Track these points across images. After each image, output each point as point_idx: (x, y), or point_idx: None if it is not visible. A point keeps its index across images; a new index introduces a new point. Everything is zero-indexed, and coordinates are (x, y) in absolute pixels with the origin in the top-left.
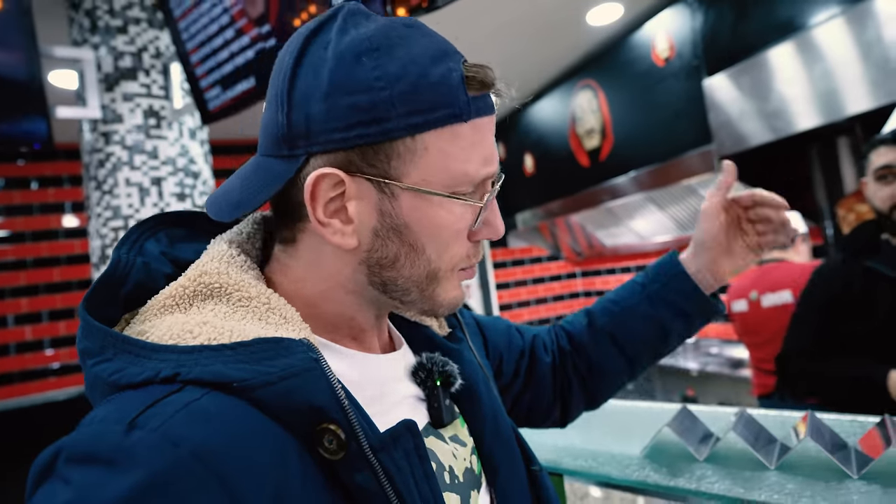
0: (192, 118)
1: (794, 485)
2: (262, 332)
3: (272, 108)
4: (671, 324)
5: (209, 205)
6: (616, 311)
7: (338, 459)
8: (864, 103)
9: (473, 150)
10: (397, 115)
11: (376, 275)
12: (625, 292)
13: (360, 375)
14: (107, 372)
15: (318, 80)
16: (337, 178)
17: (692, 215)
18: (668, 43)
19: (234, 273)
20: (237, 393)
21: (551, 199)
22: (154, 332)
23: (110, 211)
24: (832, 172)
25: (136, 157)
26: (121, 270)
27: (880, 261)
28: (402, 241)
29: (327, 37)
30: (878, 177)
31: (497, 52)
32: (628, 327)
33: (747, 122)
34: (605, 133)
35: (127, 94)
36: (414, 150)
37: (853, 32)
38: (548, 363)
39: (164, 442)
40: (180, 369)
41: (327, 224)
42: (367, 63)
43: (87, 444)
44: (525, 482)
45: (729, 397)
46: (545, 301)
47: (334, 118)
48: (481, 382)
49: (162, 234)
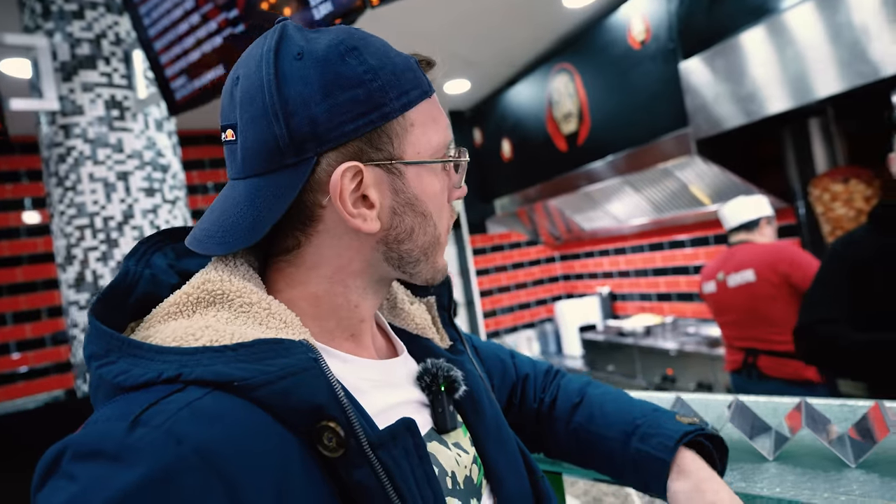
0: (158, 109)
1: (794, 476)
2: (263, 335)
3: (260, 125)
4: (630, 482)
5: (201, 244)
6: (591, 431)
7: (337, 457)
8: (834, 86)
9: (438, 120)
10: (390, 98)
11: (394, 251)
12: (613, 428)
13: (361, 379)
14: (111, 374)
15: (310, 86)
16: (356, 169)
17: (668, 197)
18: (644, 25)
19: (237, 281)
20: (238, 392)
21: (530, 185)
22: (158, 336)
23: (74, 208)
24: (804, 153)
25: (99, 150)
26: (129, 280)
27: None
28: (414, 213)
29: (292, 49)
30: None
31: (472, 35)
32: (595, 449)
33: (722, 105)
34: (582, 117)
35: (86, 84)
36: (405, 127)
37: (823, 16)
38: (534, 409)
39: (168, 438)
40: (182, 370)
41: (356, 214)
42: (351, 61)
43: (92, 442)
44: (529, 491)
45: (707, 375)
46: (525, 286)
47: (339, 113)
48: (484, 392)
49: (169, 248)
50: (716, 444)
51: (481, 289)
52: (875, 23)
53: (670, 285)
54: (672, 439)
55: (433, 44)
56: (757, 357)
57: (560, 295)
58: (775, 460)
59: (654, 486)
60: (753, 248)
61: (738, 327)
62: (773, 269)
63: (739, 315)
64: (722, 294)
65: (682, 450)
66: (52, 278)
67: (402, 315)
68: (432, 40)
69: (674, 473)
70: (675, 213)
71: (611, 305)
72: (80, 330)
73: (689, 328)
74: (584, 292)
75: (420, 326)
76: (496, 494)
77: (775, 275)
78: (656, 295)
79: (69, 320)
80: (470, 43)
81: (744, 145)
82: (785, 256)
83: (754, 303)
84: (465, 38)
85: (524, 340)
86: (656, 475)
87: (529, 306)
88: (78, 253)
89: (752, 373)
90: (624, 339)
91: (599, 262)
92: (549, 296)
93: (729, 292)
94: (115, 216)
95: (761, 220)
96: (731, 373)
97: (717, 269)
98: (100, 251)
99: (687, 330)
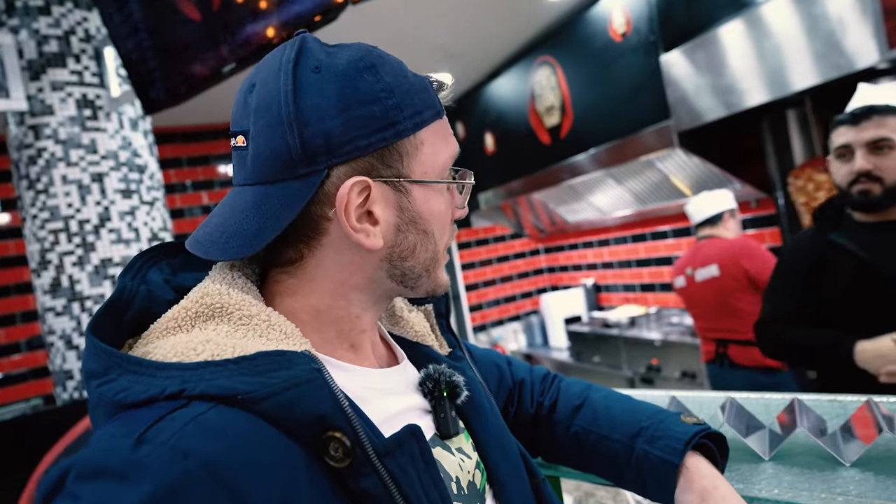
0: (132, 107)
1: (790, 476)
2: (264, 348)
3: (274, 133)
4: (629, 484)
5: (203, 247)
6: (593, 433)
7: (344, 467)
8: (811, 78)
9: (446, 139)
10: (404, 117)
11: (397, 267)
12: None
13: (363, 388)
14: (112, 392)
15: (327, 99)
16: (364, 184)
17: (650, 188)
18: (625, 18)
19: (235, 294)
20: (243, 405)
21: (513, 178)
22: (158, 352)
23: (47, 212)
24: (783, 144)
25: (71, 151)
26: (126, 297)
27: (842, 234)
28: (417, 231)
29: (311, 62)
30: (837, 155)
31: (454, 27)
32: (597, 451)
33: (703, 97)
34: (564, 110)
35: (56, 83)
36: (416, 146)
37: (799, 8)
38: (531, 414)
39: (175, 454)
40: (185, 385)
41: (360, 230)
42: (368, 79)
43: (97, 460)
44: (530, 495)
45: (691, 364)
46: (510, 279)
47: (354, 128)
48: (485, 398)
49: (164, 263)
50: (718, 444)
51: (467, 283)
52: (851, 15)
53: (654, 275)
54: (680, 442)
55: (415, 36)
56: (727, 347)
57: (545, 287)
58: (771, 460)
59: (655, 489)
60: (717, 243)
61: (708, 319)
62: (734, 263)
63: (708, 308)
64: (691, 288)
65: (689, 454)
66: (26, 282)
67: (401, 323)
68: (414, 32)
69: (682, 482)
70: (657, 205)
71: (595, 297)
72: (57, 337)
73: (673, 318)
74: (568, 284)
75: (419, 334)
76: (498, 499)
77: (737, 269)
78: (640, 285)
79: (45, 326)
80: (451, 35)
81: (724, 137)
82: (744, 252)
83: (720, 296)
84: (446, 30)
85: (510, 333)
86: (663, 478)
87: (515, 299)
88: (53, 258)
89: (724, 362)
90: (609, 330)
91: (583, 254)
92: (534, 288)
93: (697, 286)
94: (90, 219)
95: (724, 213)
96: (706, 363)
97: (686, 265)
98: (76, 255)
99: (671, 320)
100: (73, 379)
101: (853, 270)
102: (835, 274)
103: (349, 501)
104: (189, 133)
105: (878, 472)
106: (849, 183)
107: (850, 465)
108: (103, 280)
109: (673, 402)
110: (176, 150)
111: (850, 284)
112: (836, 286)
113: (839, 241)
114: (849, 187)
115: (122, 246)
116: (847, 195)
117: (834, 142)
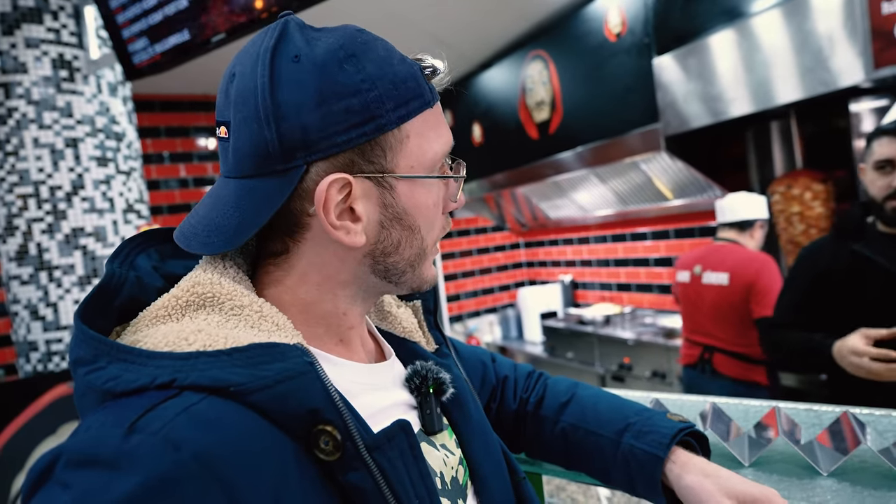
0: (112, 71)
1: (770, 483)
2: (256, 339)
3: (251, 127)
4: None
5: (187, 240)
6: (581, 429)
7: (334, 460)
8: (796, 93)
9: (438, 130)
10: (386, 110)
11: (380, 263)
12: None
13: (352, 383)
14: (101, 380)
15: (305, 91)
16: (344, 181)
17: (633, 190)
18: (621, 18)
19: (227, 283)
20: (234, 397)
21: (498, 171)
22: (148, 340)
23: (16, 175)
24: (765, 155)
25: (45, 113)
26: (114, 283)
27: (866, 245)
28: (402, 227)
29: (291, 50)
30: (877, 167)
31: (447, 15)
32: (583, 447)
33: (691, 103)
34: (555, 106)
35: (31, 40)
36: (400, 140)
37: (789, 22)
38: (513, 410)
39: (166, 445)
40: (177, 375)
41: (339, 227)
42: (348, 69)
43: (87, 449)
44: (511, 493)
45: (662, 365)
46: (489, 271)
47: (332, 123)
48: (469, 395)
49: (153, 249)
50: (701, 444)
51: (445, 273)
52: (840, 33)
53: (630, 276)
54: (667, 436)
55: (407, 22)
56: (713, 354)
57: (523, 281)
58: (750, 466)
59: (642, 483)
60: (737, 251)
61: (700, 323)
62: (747, 277)
63: (704, 312)
64: (693, 287)
65: (675, 447)
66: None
67: (389, 318)
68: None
69: (677, 470)
70: (638, 207)
71: (572, 293)
72: (22, 306)
73: (647, 318)
74: (546, 279)
75: (407, 330)
76: (480, 495)
77: (746, 283)
78: (616, 285)
79: (10, 295)
80: (444, 22)
81: (709, 144)
82: (764, 269)
83: (722, 305)
84: (439, 17)
85: (486, 325)
86: (649, 472)
87: (493, 291)
88: (20, 223)
89: (707, 368)
90: (584, 327)
91: (563, 251)
92: (512, 282)
93: (700, 288)
94: (63, 185)
95: (757, 222)
96: (685, 366)
97: (695, 262)
98: (45, 223)
99: (644, 320)
100: (38, 350)
101: (881, 281)
102: (861, 285)
103: (338, 495)
104: (169, 102)
105: (854, 482)
106: (885, 197)
107: (828, 475)
108: (73, 250)
109: (656, 403)
110: (155, 119)
111: (879, 295)
112: (864, 297)
113: (865, 252)
114: (884, 201)
115: (95, 215)
116: (880, 208)
117: (875, 152)
